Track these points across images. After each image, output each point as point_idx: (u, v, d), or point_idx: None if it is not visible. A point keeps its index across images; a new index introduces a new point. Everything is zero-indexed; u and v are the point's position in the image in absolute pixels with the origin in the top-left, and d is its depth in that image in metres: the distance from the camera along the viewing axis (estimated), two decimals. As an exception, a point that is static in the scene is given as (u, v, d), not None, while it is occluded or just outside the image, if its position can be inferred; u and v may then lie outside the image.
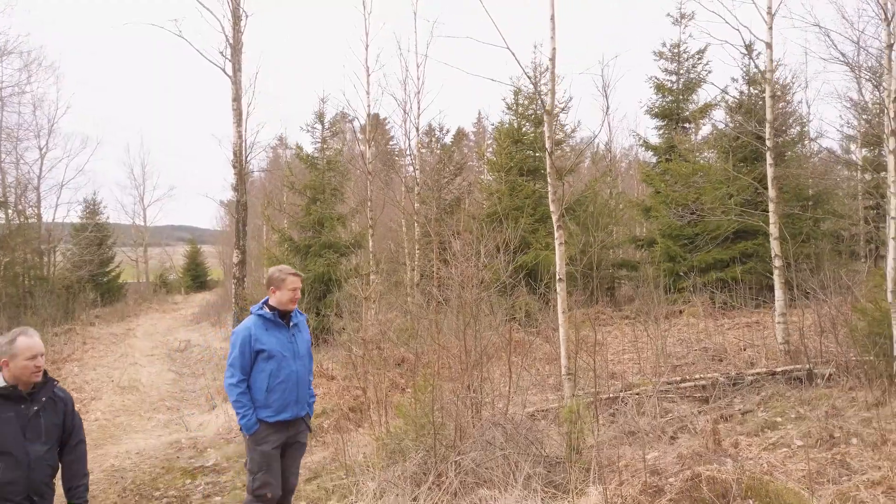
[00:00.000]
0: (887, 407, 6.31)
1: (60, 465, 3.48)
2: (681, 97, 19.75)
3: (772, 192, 8.73)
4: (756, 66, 9.00)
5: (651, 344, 10.56)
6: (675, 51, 19.47)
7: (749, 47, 10.35)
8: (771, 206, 8.86)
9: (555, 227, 6.00)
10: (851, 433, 5.73)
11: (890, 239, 6.91)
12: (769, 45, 8.74)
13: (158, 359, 17.15)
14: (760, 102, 17.80)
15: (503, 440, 5.60)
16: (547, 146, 5.81)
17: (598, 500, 4.76)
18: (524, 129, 18.54)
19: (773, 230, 9.00)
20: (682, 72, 19.65)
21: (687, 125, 20.03)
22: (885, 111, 7.35)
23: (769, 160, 8.83)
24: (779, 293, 9.23)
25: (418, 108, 17.38)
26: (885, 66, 7.37)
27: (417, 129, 17.93)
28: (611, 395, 8.18)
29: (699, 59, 19.33)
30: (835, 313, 9.08)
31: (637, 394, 8.12)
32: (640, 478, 4.81)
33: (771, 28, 8.74)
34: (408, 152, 19.70)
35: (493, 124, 27.18)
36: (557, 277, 6.09)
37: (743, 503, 3.95)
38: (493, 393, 7.23)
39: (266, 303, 4.38)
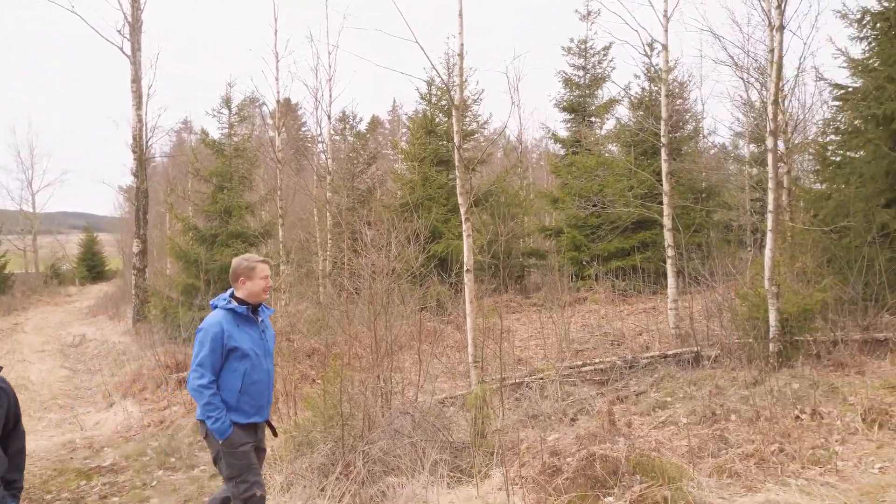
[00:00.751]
0: (763, 385, 6.89)
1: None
2: (587, 92, 20.46)
3: (666, 186, 9.28)
4: (653, 66, 9.51)
5: (556, 330, 10.99)
6: (583, 47, 20.14)
7: (651, 46, 10.89)
8: (665, 199, 9.42)
9: (462, 220, 6.13)
10: (731, 410, 6.22)
11: (768, 231, 7.53)
12: (665, 47, 9.27)
13: (50, 355, 16.10)
14: (660, 99, 18.80)
15: (411, 428, 5.70)
16: (455, 140, 5.93)
17: (501, 482, 4.94)
18: (437, 120, 18.66)
19: (667, 221, 9.57)
20: (588, 67, 20.36)
21: (593, 119, 20.81)
22: (766, 112, 7.96)
23: (663, 156, 9.37)
24: (671, 280, 9.84)
25: (330, 96, 17.18)
26: (768, 71, 7.99)
27: (329, 117, 17.70)
28: (517, 381, 8.49)
29: (604, 55, 20.10)
30: (721, 299, 9.80)
31: (541, 378, 8.47)
32: (540, 459, 5.04)
33: (667, 30, 9.26)
34: (320, 140, 19.39)
35: (406, 114, 27.17)
36: (465, 268, 6.23)
37: (631, 478, 4.24)
38: (403, 382, 7.33)
39: (232, 296, 4.03)
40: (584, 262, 17.31)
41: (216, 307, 4.00)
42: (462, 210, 6.05)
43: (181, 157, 26.46)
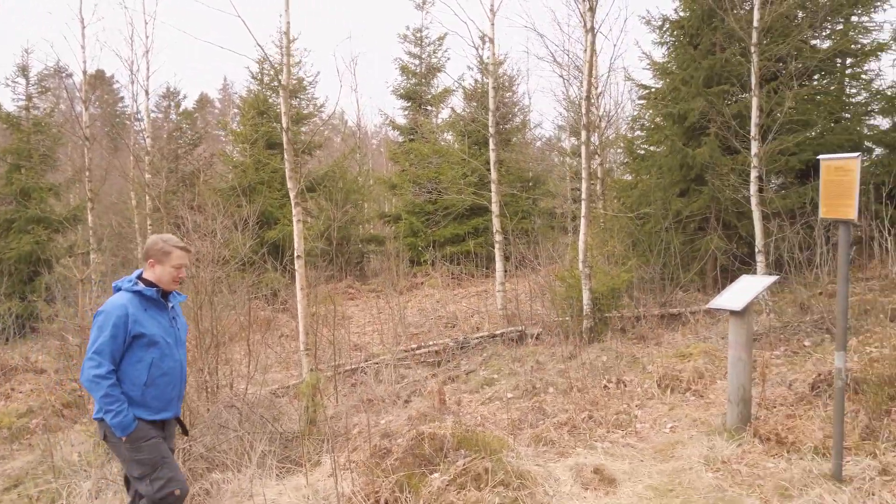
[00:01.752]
0: (577, 359, 7.51)
1: None
2: (424, 81, 20.79)
3: (494, 175, 9.72)
4: (482, 58, 9.90)
5: (392, 315, 11.11)
6: (418, 35, 20.40)
7: (482, 40, 11.30)
8: (493, 187, 9.86)
9: (293, 204, 5.96)
10: (549, 383, 6.71)
11: (581, 217, 8.17)
12: (492, 40, 9.68)
13: None
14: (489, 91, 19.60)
15: (238, 422, 5.48)
16: (283, 122, 5.72)
17: (332, 469, 4.91)
18: (271, 101, 17.94)
19: (495, 208, 10.04)
20: (424, 57, 20.66)
21: (429, 108, 21.20)
22: (580, 108, 8.60)
23: (491, 145, 9.80)
24: (499, 264, 10.36)
25: (147, 70, 15.76)
26: (584, 69, 8.63)
27: (147, 93, 16.26)
28: (353, 367, 8.48)
29: (439, 45, 20.52)
30: (543, 281, 10.51)
31: (377, 363, 8.54)
32: (371, 442, 5.08)
33: (493, 24, 9.68)
34: (138, 117, 17.75)
35: (237, 93, 25.79)
36: (296, 254, 6.07)
37: (456, 454, 4.41)
38: (232, 375, 7.02)
39: (140, 277, 3.55)
40: (421, 248, 17.67)
41: (119, 289, 3.50)
42: (292, 194, 5.87)
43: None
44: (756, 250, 8.14)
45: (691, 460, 4.42)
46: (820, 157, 3.58)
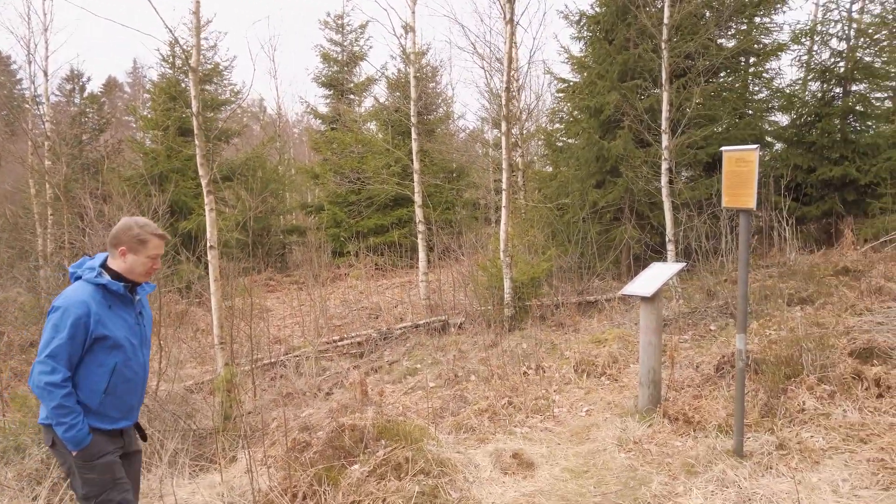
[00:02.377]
0: (499, 347, 7.61)
1: None
2: (345, 69, 20.46)
3: (416, 164, 9.69)
4: (404, 48, 9.85)
5: (314, 307, 10.92)
6: (340, 22, 20.04)
7: (405, 28, 11.20)
8: (416, 177, 9.84)
9: (205, 193, 5.71)
10: (471, 371, 6.77)
11: (503, 207, 8.28)
12: (413, 29, 9.61)
13: None
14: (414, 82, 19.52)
15: (147, 420, 5.24)
16: (192, 106, 5.47)
17: (251, 463, 4.78)
18: (183, 85, 17.15)
19: (418, 198, 10.02)
20: (346, 44, 20.33)
21: (352, 96, 20.89)
22: (501, 99, 8.69)
23: (414, 135, 9.76)
24: (422, 255, 10.36)
25: (46, 48, 14.72)
26: (504, 61, 8.71)
27: (46, 74, 15.18)
28: (272, 360, 8.27)
29: (361, 33, 20.26)
30: (466, 271, 10.59)
31: (297, 356, 8.37)
32: (290, 436, 4.96)
33: (414, 13, 9.62)
34: (38, 100, 16.54)
35: (148, 77, 24.55)
36: (209, 245, 5.84)
37: (376, 444, 4.37)
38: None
39: (103, 265, 3.02)
40: (345, 239, 17.44)
41: (78, 278, 2.97)
42: (203, 182, 5.63)
43: None
44: (666, 239, 8.50)
45: (605, 442, 4.57)
46: (723, 148, 3.75)
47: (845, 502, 3.28)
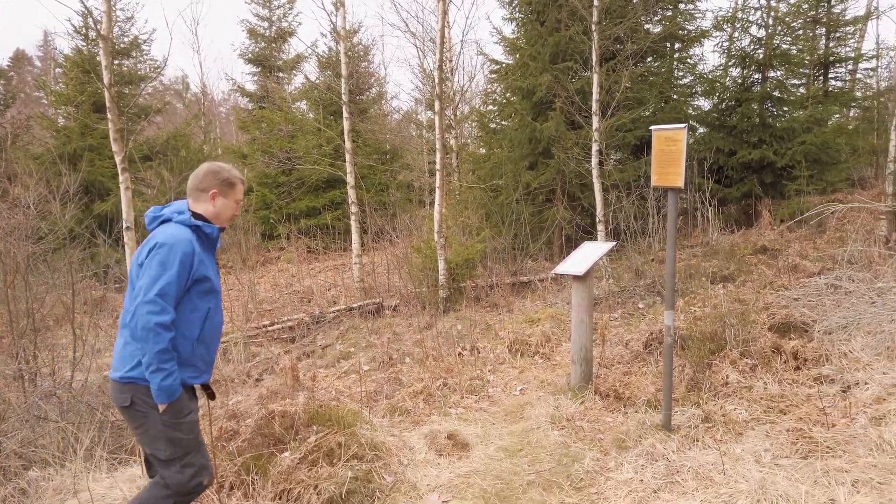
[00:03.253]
0: (434, 329, 7.58)
1: None
2: (274, 46, 19.80)
3: (348, 144, 9.47)
4: (334, 24, 9.54)
5: (242, 292, 10.58)
6: (267, -3, 19.35)
7: (335, 4, 10.85)
8: (347, 157, 9.62)
9: (119, 170, 5.37)
10: (405, 354, 6.71)
11: (437, 188, 8.20)
12: (342, 4, 9.33)
13: None
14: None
15: (60, 412, 4.92)
16: (105, 78, 5.10)
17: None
18: (98, 59, 16.13)
19: (350, 179, 9.81)
20: (274, 20, 19.66)
21: (281, 74, 20.27)
22: (434, 78, 8.57)
23: (345, 114, 9.52)
24: (355, 236, 10.18)
25: (-58, 15, 13.47)
26: (437, 39, 8.58)
27: (-58, 42, 13.92)
28: (198, 347, 7.94)
29: (290, 8, 19.62)
30: (400, 253, 10.49)
31: (226, 342, 8.08)
32: (218, 424, 4.77)
33: (345, -12, 9.33)
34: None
35: (57, 49, 23.03)
36: (125, 226, 5.50)
37: (307, 430, 4.25)
38: (55, 361, 6.30)
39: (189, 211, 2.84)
40: (275, 222, 16.98)
41: (168, 220, 2.76)
42: (118, 159, 5.29)
43: None
44: (597, 220, 8.65)
45: (539, 420, 4.60)
46: (652, 127, 3.78)
47: (767, 471, 3.40)
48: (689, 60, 12.92)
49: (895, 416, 3.80)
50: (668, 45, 12.73)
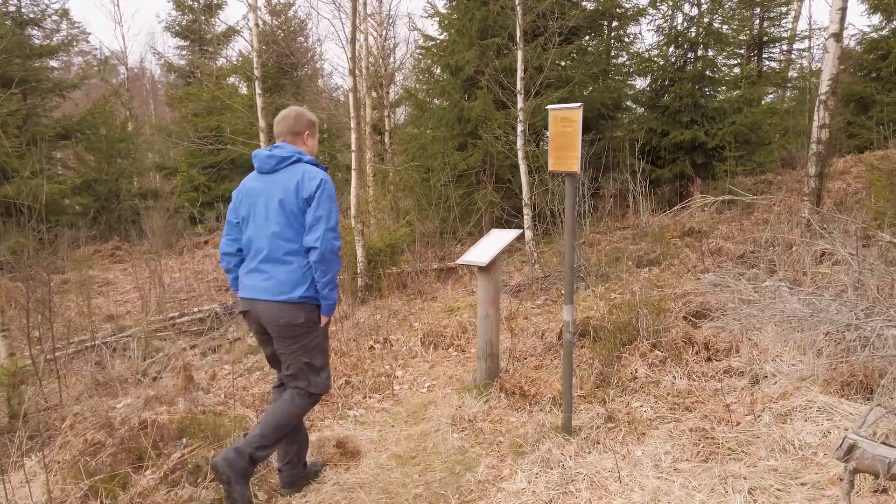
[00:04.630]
0: (350, 320, 7.18)
1: None
2: (203, 18, 18.80)
3: (262, 122, 8.91)
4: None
5: (152, 280, 9.97)
6: (193, -35, 18.30)
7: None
8: (262, 136, 9.06)
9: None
10: (315, 347, 6.29)
11: (352, 169, 7.77)
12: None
13: None
14: (280, 33, 18.27)
15: None
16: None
17: (36, 471, 4.10)
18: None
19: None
20: (201, -11, 18.64)
21: (210, 49, 19.29)
22: (347, 53, 8.08)
23: (257, 90, 8.95)
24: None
25: None
26: (349, 9, 8.06)
27: None
28: (94, 343, 7.36)
29: (219, -22, 18.60)
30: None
31: (129, 336, 7.51)
32: (83, 436, 4.30)
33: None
34: None
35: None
36: None
37: (176, 444, 3.83)
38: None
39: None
40: (204, 204, 16.21)
41: (300, 161, 3.09)
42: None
43: None
44: (523, 203, 8.36)
45: (440, 421, 4.29)
46: (548, 107, 3.45)
47: (664, 478, 3.16)
48: (625, 39, 12.72)
49: (800, 413, 3.62)
50: (605, 22, 12.48)
